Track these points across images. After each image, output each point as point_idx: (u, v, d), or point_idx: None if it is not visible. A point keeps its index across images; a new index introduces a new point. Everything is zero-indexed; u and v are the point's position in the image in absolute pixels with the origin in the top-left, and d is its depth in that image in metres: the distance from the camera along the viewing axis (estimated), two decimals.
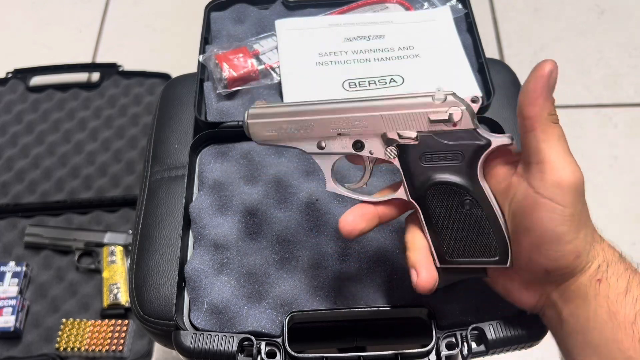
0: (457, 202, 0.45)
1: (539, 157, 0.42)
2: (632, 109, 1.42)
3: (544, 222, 0.41)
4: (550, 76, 0.41)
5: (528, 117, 0.42)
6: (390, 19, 0.74)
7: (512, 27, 1.57)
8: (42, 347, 1.08)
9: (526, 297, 0.46)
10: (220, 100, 0.68)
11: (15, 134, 1.31)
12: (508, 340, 0.51)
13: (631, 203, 1.27)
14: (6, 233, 1.21)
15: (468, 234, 0.45)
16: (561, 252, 0.42)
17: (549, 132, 0.42)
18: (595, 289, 0.42)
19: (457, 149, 0.45)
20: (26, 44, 1.61)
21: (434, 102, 0.45)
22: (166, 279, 0.59)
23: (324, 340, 0.60)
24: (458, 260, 0.46)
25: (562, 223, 0.41)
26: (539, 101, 0.41)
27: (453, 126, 0.45)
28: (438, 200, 0.46)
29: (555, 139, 0.42)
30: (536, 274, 0.44)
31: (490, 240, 0.45)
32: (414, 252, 0.46)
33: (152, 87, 1.39)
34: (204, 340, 0.51)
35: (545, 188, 0.41)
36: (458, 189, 0.45)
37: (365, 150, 0.48)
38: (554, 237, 0.41)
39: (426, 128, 0.46)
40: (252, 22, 0.75)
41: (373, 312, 0.55)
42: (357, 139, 0.47)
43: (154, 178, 0.67)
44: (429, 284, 0.45)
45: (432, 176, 0.45)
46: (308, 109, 0.48)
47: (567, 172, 0.41)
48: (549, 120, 0.42)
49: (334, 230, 0.59)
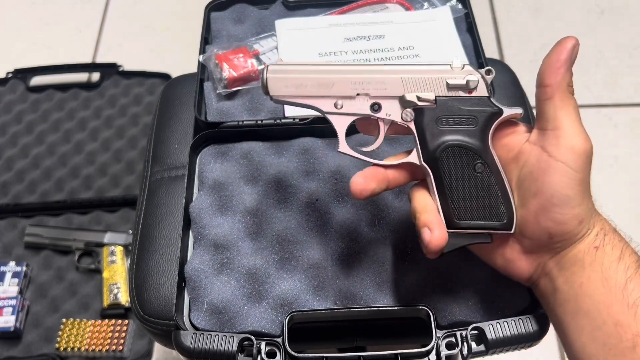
0: (469, 165, 0.47)
1: (555, 124, 0.44)
2: (632, 109, 1.42)
3: (555, 184, 0.43)
4: (573, 49, 0.44)
5: (549, 84, 0.44)
6: (390, 19, 0.74)
7: (512, 27, 1.57)
8: (42, 347, 1.08)
9: (524, 265, 0.47)
10: (220, 100, 0.68)
11: (15, 134, 1.31)
12: (508, 340, 0.51)
13: (631, 203, 1.27)
14: (6, 233, 1.21)
15: (478, 196, 0.47)
16: (567, 216, 0.43)
17: (566, 101, 0.44)
18: (591, 255, 0.44)
19: (473, 114, 0.47)
20: (26, 44, 1.61)
21: (452, 69, 0.48)
22: (166, 279, 0.59)
23: (324, 340, 0.60)
24: (466, 223, 0.46)
25: (572, 187, 0.43)
26: (561, 70, 0.44)
27: (469, 93, 0.48)
28: (451, 162, 0.47)
29: (571, 108, 0.44)
30: (539, 239, 0.45)
31: (499, 204, 0.46)
32: (425, 213, 0.46)
33: (152, 87, 1.39)
34: (204, 340, 0.51)
35: (559, 152, 0.43)
36: (471, 152, 0.47)
37: (382, 112, 0.49)
38: (563, 200, 0.43)
39: (444, 93, 0.48)
40: (252, 22, 0.75)
41: (373, 312, 0.55)
42: (375, 101, 0.49)
43: (154, 178, 0.67)
44: (441, 242, 0.45)
45: (447, 139, 0.47)
46: (330, 68, 0.50)
47: (581, 139, 0.44)
48: (567, 90, 0.44)
49: (334, 230, 0.59)
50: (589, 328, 0.43)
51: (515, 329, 0.51)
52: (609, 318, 0.42)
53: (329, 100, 0.49)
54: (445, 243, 0.45)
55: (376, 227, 0.59)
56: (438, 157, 0.47)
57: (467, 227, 0.47)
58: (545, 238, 0.45)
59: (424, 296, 0.55)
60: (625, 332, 0.42)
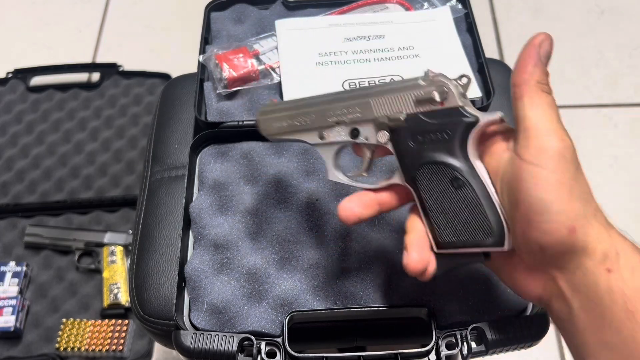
0: (447, 182, 0.44)
1: (525, 124, 0.40)
2: (632, 109, 1.42)
3: (528, 189, 0.39)
4: (540, 44, 0.41)
5: (516, 84, 0.41)
6: (390, 19, 0.74)
7: (512, 27, 1.57)
8: (42, 347, 1.08)
9: (531, 284, 0.43)
10: (220, 100, 0.68)
11: (15, 134, 1.31)
12: (508, 340, 0.51)
13: (631, 203, 1.27)
14: (6, 233, 1.21)
15: (460, 214, 0.44)
16: (551, 224, 0.39)
17: (536, 99, 0.40)
18: (606, 280, 0.38)
19: (444, 127, 0.44)
20: (26, 44, 1.61)
21: (420, 83, 0.46)
22: (166, 279, 0.59)
23: (324, 340, 0.60)
24: (452, 243, 0.44)
25: (547, 190, 0.39)
26: (528, 68, 0.41)
27: (440, 105, 0.45)
28: (428, 180, 0.45)
29: (543, 106, 0.40)
30: (533, 253, 0.41)
31: (484, 220, 0.43)
32: (410, 234, 0.45)
33: (152, 87, 1.39)
34: (204, 340, 0.51)
35: (529, 153, 0.39)
36: (447, 168, 0.44)
37: (361, 137, 0.48)
38: (541, 206, 0.39)
39: (413, 109, 0.46)
40: (252, 22, 0.75)
41: (373, 312, 0.55)
42: (353, 127, 0.49)
43: (154, 178, 0.67)
44: (418, 265, 0.43)
45: (422, 156, 0.45)
46: (308, 102, 0.51)
47: (553, 138, 0.39)
48: (537, 88, 0.41)
49: (334, 230, 0.59)
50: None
51: (515, 329, 0.51)
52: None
53: (313, 132, 0.50)
54: (422, 266, 0.44)
55: (376, 227, 0.59)
56: (415, 176, 0.46)
57: (455, 247, 0.44)
58: (538, 251, 0.40)
59: (424, 296, 0.55)
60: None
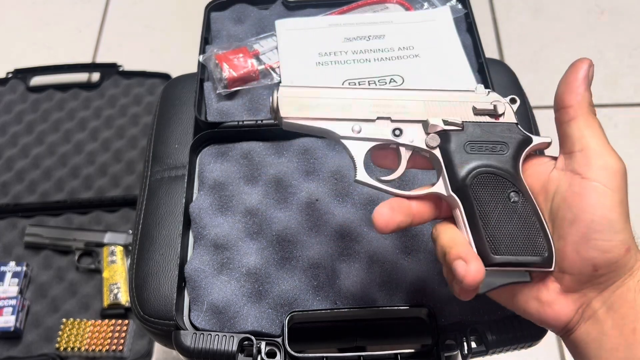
0: (503, 193, 0.43)
1: (582, 144, 0.41)
2: (632, 109, 1.42)
3: (594, 207, 0.39)
4: (589, 68, 0.43)
5: (570, 105, 0.42)
6: (390, 19, 0.74)
7: (512, 27, 1.57)
8: (42, 347, 1.08)
9: (564, 308, 0.41)
10: (220, 100, 0.68)
11: (15, 134, 1.31)
12: (508, 340, 0.51)
13: (631, 203, 1.27)
14: (6, 233, 1.21)
15: (514, 228, 0.42)
16: (613, 242, 0.39)
17: (590, 121, 0.42)
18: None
19: (502, 139, 0.45)
20: (26, 44, 1.61)
21: (477, 94, 0.46)
22: (166, 279, 0.59)
23: (324, 340, 0.60)
24: (503, 258, 0.41)
25: (613, 208, 0.39)
26: (581, 90, 0.42)
27: (496, 119, 0.46)
28: (483, 190, 0.43)
29: (597, 128, 0.42)
30: (582, 273, 0.40)
31: (537, 237, 0.42)
32: (456, 247, 0.41)
33: (152, 87, 1.39)
34: (204, 340, 0.51)
35: (593, 172, 0.40)
36: (504, 180, 0.43)
37: (404, 138, 0.46)
38: (606, 224, 0.39)
39: (471, 117, 0.46)
40: (252, 22, 0.75)
41: (373, 312, 0.55)
42: (396, 126, 0.46)
43: (154, 178, 0.67)
44: (479, 275, 0.40)
45: (478, 164, 0.44)
46: (346, 89, 0.47)
47: (613, 158, 0.41)
48: (590, 110, 0.42)
49: (334, 230, 0.59)
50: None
51: (515, 329, 0.51)
52: None
53: (347, 123, 0.46)
54: (482, 277, 0.40)
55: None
56: (468, 185, 0.43)
57: (505, 263, 0.41)
58: (589, 271, 0.40)
59: (424, 296, 0.55)
60: None
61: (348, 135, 0.46)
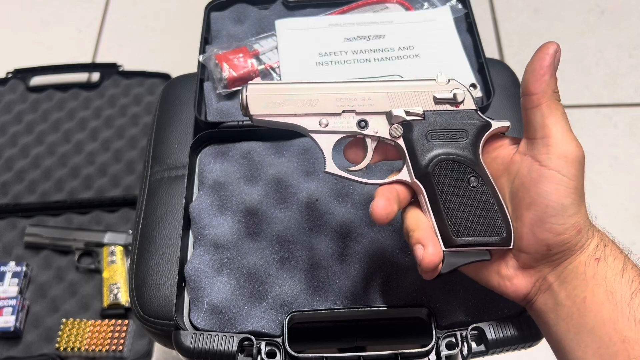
0: (463, 179, 0.46)
1: (544, 132, 0.43)
2: (632, 109, 1.42)
3: (550, 193, 0.42)
4: (555, 54, 0.44)
5: (534, 92, 0.44)
6: (390, 19, 0.74)
7: (512, 27, 1.57)
8: (42, 347, 1.08)
9: (522, 282, 0.45)
10: (220, 100, 0.68)
11: (15, 134, 1.31)
12: (508, 340, 0.51)
13: (631, 203, 1.27)
14: (6, 233, 1.21)
15: (474, 211, 0.45)
16: (565, 225, 0.42)
17: (553, 108, 0.43)
18: (593, 268, 0.42)
19: (462, 127, 0.47)
20: (26, 44, 1.61)
21: (437, 83, 0.48)
22: (166, 279, 0.59)
23: (324, 340, 0.60)
24: (464, 240, 0.45)
25: (567, 195, 0.42)
26: (545, 77, 0.43)
27: (456, 106, 0.47)
28: (444, 176, 0.46)
29: (559, 115, 0.43)
30: (537, 252, 0.44)
31: (496, 218, 0.45)
32: (418, 230, 0.45)
33: (152, 87, 1.39)
34: (204, 340, 0.51)
35: (551, 160, 0.42)
36: (464, 166, 0.46)
37: (369, 129, 0.48)
38: (559, 209, 0.42)
39: (431, 107, 0.47)
40: (252, 22, 0.75)
41: (373, 312, 0.55)
42: (361, 118, 0.48)
43: (154, 178, 0.67)
44: (435, 259, 0.43)
45: (438, 152, 0.46)
46: (313, 85, 0.49)
47: (573, 146, 0.43)
48: (553, 97, 0.44)
49: (334, 230, 0.59)
50: (595, 346, 0.41)
51: (515, 329, 0.51)
52: (615, 335, 0.40)
53: (314, 118, 0.48)
54: (439, 260, 0.44)
55: (376, 226, 0.59)
56: (430, 172, 0.46)
57: (466, 244, 0.45)
58: (543, 250, 0.43)
59: (424, 296, 0.55)
60: (633, 349, 0.40)
61: (316, 129, 0.48)
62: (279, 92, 0.48)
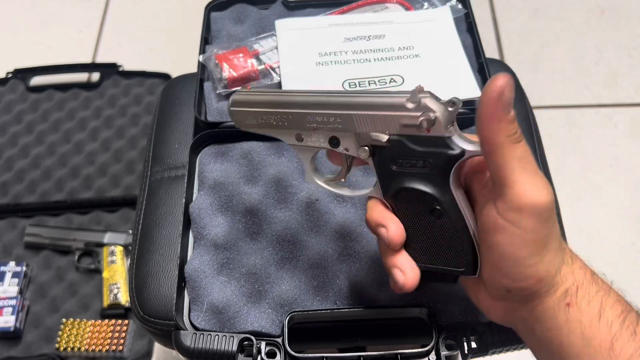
0: (424, 210, 0.44)
1: (500, 180, 0.39)
2: (632, 109, 1.42)
3: (503, 244, 0.40)
4: (500, 96, 0.37)
5: (484, 141, 0.39)
6: (390, 19, 0.74)
7: (512, 27, 1.57)
8: (42, 347, 1.08)
9: (494, 309, 0.45)
10: (220, 100, 0.68)
11: (15, 134, 1.31)
12: (508, 340, 0.51)
13: (631, 203, 1.27)
14: (6, 233, 1.21)
15: (435, 242, 0.44)
16: (522, 275, 0.40)
17: (507, 156, 0.38)
18: (564, 313, 0.40)
19: (428, 156, 0.43)
20: (26, 44, 1.61)
21: (407, 106, 0.43)
22: (166, 279, 0.59)
23: (324, 340, 0.60)
24: (424, 267, 0.45)
25: (522, 247, 0.39)
26: (492, 125, 0.38)
27: (426, 132, 0.42)
28: (405, 206, 0.45)
29: (516, 162, 0.38)
30: (497, 290, 0.43)
31: (457, 251, 0.44)
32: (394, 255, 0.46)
33: (152, 87, 1.39)
34: (204, 340, 0.51)
35: (506, 212, 0.39)
36: (426, 197, 0.44)
37: (341, 147, 0.47)
38: (514, 260, 0.40)
39: (398, 131, 0.44)
40: (252, 22, 0.75)
41: (373, 312, 0.55)
42: (332, 135, 0.47)
43: (154, 178, 0.67)
44: (415, 282, 0.44)
45: (401, 181, 0.44)
46: (286, 100, 0.48)
47: (531, 196, 0.38)
48: (508, 142, 0.38)
49: (334, 231, 0.59)
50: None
51: None
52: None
53: (290, 132, 0.49)
54: (417, 281, 0.44)
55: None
56: (393, 199, 0.45)
57: (427, 270, 0.45)
58: (503, 291, 0.42)
59: (424, 296, 0.55)
60: None
61: (293, 142, 0.50)
62: (256, 107, 0.50)
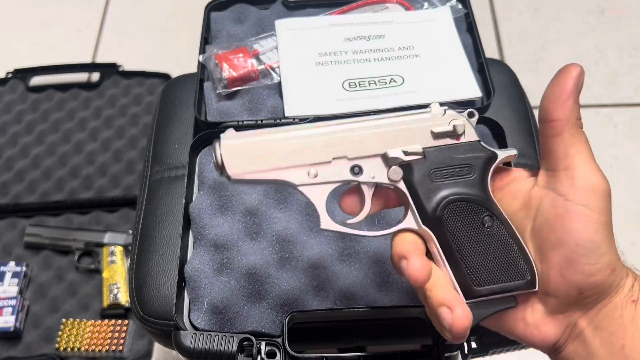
0: (477, 220, 0.41)
1: (567, 163, 0.39)
2: (632, 109, 1.42)
3: (579, 231, 0.38)
4: (579, 77, 0.39)
5: (556, 119, 0.39)
6: (390, 19, 0.74)
7: (512, 27, 1.57)
8: (42, 347, 1.08)
9: (550, 328, 0.40)
10: (220, 100, 0.68)
11: (15, 134, 1.31)
12: (508, 340, 0.51)
13: (631, 203, 1.27)
14: (6, 233, 1.21)
15: (493, 255, 0.41)
16: (598, 265, 0.38)
17: (577, 137, 0.39)
18: (631, 311, 0.38)
19: (467, 161, 0.42)
20: (26, 44, 1.61)
21: (433, 116, 0.42)
22: (166, 279, 0.59)
23: (324, 340, 0.60)
24: (487, 289, 0.40)
25: (598, 231, 0.38)
26: (569, 103, 0.39)
27: (457, 139, 0.42)
28: (456, 220, 0.41)
29: (582, 144, 0.39)
30: (567, 296, 0.39)
31: (517, 259, 0.40)
32: (437, 290, 0.40)
33: (152, 87, 1.39)
34: (204, 340, 0.51)
35: (577, 195, 0.38)
36: (476, 205, 0.41)
37: (365, 175, 0.42)
38: (591, 248, 0.38)
39: (430, 143, 0.42)
40: (252, 22, 0.75)
41: (373, 312, 0.55)
42: (354, 164, 0.42)
43: (154, 178, 0.67)
44: (466, 322, 0.38)
45: (446, 193, 0.41)
46: (295, 132, 0.43)
47: (599, 179, 0.38)
48: (577, 125, 0.39)
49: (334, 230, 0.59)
50: None
51: None
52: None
53: (301, 169, 0.42)
54: (470, 321, 0.38)
55: (376, 226, 0.59)
56: (439, 217, 0.41)
57: (490, 293, 0.40)
58: (575, 294, 0.39)
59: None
60: None
61: (305, 182, 0.42)
62: (257, 144, 0.42)
